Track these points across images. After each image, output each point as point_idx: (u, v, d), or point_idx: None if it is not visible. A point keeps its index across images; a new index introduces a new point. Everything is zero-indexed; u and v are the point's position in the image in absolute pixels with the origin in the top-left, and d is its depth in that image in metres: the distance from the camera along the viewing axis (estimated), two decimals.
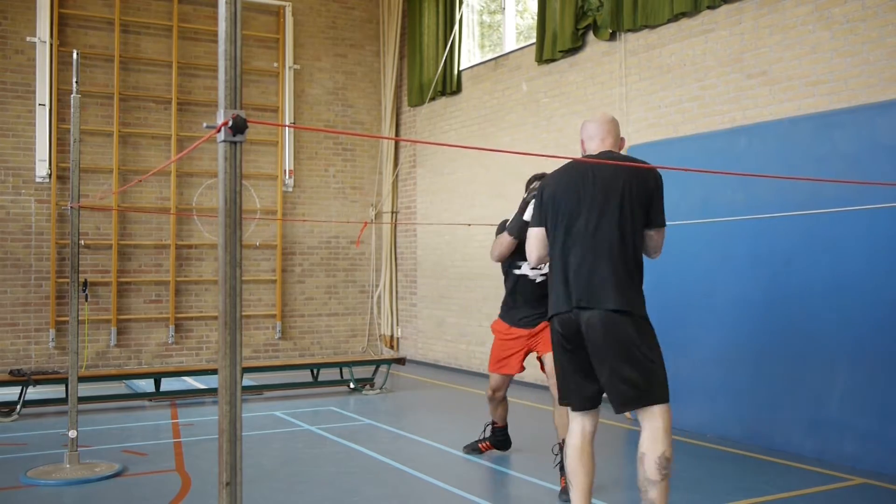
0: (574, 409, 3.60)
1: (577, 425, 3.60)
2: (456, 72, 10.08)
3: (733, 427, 6.00)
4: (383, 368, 8.58)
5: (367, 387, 8.40)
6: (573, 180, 3.57)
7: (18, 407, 6.93)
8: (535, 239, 3.71)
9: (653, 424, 3.39)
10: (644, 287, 3.51)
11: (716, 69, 6.74)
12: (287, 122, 10.56)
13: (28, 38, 9.26)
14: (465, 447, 5.63)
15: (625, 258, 3.45)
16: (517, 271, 4.95)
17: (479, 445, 5.58)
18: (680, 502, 4.51)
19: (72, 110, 5.29)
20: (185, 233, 10.08)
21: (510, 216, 4.94)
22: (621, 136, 3.79)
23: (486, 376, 9.33)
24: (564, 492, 4.39)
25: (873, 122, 5.27)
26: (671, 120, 7.13)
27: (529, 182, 4.88)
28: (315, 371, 8.52)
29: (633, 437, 6.24)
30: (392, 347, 11.21)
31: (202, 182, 10.13)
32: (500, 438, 5.57)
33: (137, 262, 9.83)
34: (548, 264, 3.77)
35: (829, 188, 5.25)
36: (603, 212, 3.47)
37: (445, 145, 4.09)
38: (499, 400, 5.35)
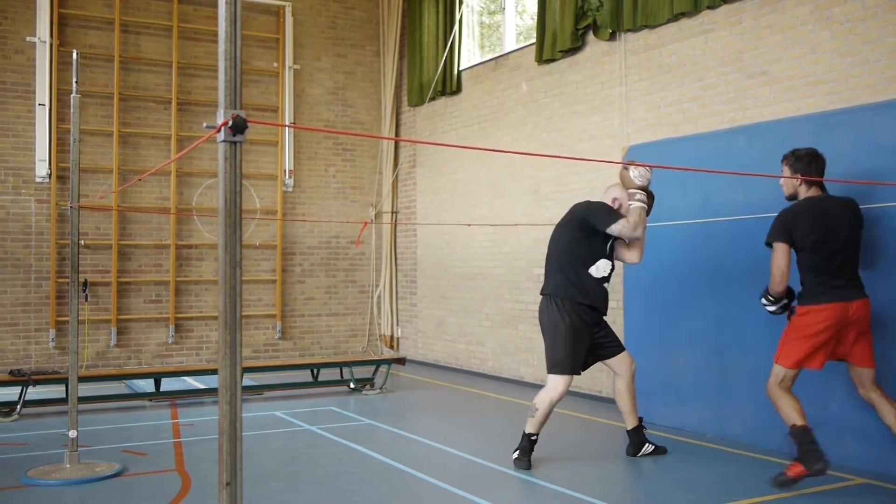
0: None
1: None
2: (456, 72, 10.08)
3: (733, 427, 6.00)
4: (383, 368, 8.58)
5: (367, 387, 8.40)
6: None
7: (18, 407, 6.93)
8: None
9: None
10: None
11: (716, 69, 6.74)
12: (287, 122, 10.56)
13: (28, 38, 9.26)
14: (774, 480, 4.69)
15: None
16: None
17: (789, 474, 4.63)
18: (680, 502, 4.51)
19: (72, 110, 5.29)
20: (185, 233, 10.09)
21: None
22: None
23: (486, 376, 9.36)
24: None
25: (873, 122, 5.27)
26: (671, 120, 7.13)
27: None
28: (315, 371, 8.52)
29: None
30: (392, 347, 11.21)
31: (202, 182, 10.14)
32: (807, 448, 4.58)
33: (137, 262, 9.83)
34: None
35: (830, 188, 5.24)
36: None
37: (445, 145, 4.10)
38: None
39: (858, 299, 4.68)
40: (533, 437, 5.21)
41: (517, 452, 5.22)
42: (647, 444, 5.50)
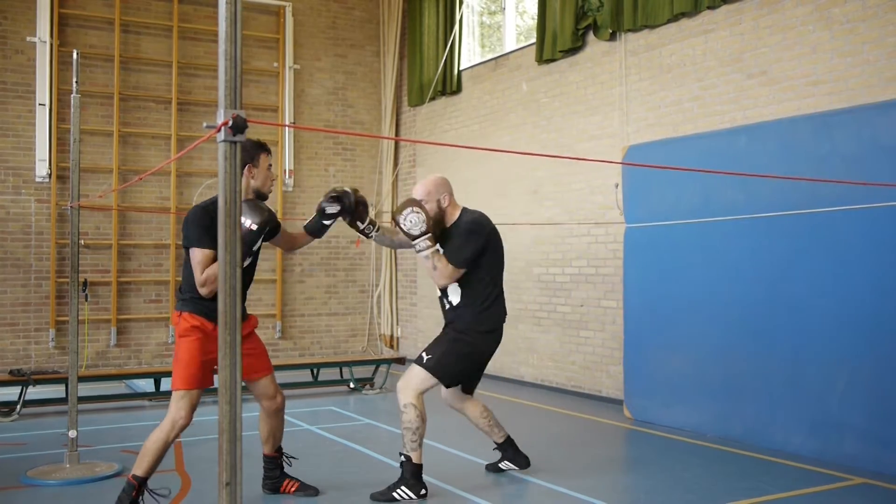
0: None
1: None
2: (456, 72, 10.08)
3: (733, 427, 6.00)
4: (383, 368, 8.58)
5: (367, 386, 8.40)
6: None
7: (18, 407, 6.93)
8: None
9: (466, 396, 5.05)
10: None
11: (716, 69, 6.74)
12: (287, 122, 10.56)
13: (28, 38, 9.26)
14: None
15: None
16: None
17: None
18: (680, 502, 4.51)
19: (72, 110, 5.29)
20: None
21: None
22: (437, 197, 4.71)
23: (486, 376, 9.32)
24: None
25: (873, 122, 5.27)
26: (671, 120, 7.13)
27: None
28: (315, 371, 8.52)
29: (634, 437, 6.25)
30: (392, 347, 11.21)
31: (202, 182, 10.13)
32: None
33: (137, 261, 9.82)
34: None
35: (830, 188, 5.25)
36: None
37: (445, 145, 4.10)
38: None
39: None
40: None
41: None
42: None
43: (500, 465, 5.13)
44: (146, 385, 8.13)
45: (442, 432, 6.33)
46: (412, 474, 4.54)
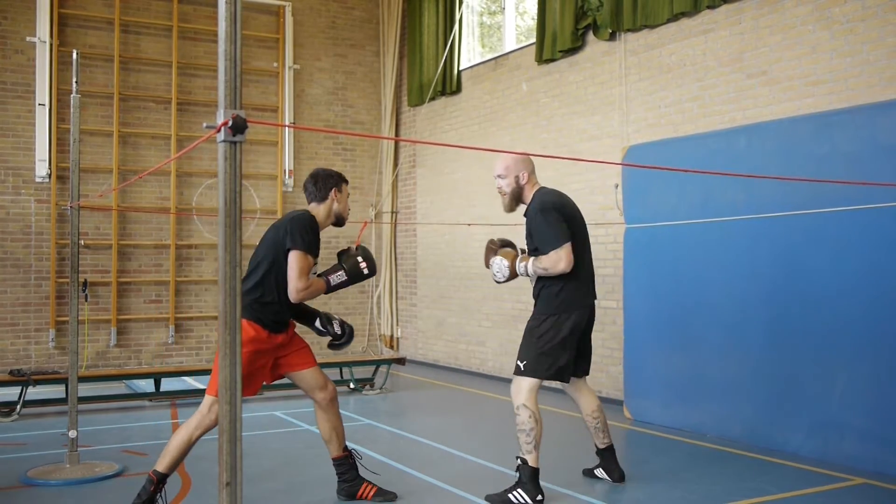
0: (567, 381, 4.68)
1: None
2: (456, 72, 10.08)
3: (733, 427, 6.00)
4: (383, 368, 8.58)
5: (367, 387, 8.40)
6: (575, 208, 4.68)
7: (18, 407, 6.93)
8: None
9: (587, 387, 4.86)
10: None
11: (716, 69, 6.74)
12: (287, 122, 10.56)
13: (28, 38, 9.26)
14: None
15: None
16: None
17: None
18: (680, 502, 4.51)
19: (72, 110, 5.30)
20: (185, 233, 10.08)
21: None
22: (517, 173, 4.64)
23: (486, 376, 9.36)
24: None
25: (873, 122, 5.27)
26: (671, 120, 7.13)
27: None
28: None
29: (634, 437, 6.24)
30: (392, 347, 11.21)
31: (202, 182, 10.13)
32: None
33: (137, 262, 9.82)
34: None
35: (830, 188, 5.25)
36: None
37: (445, 145, 4.10)
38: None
39: None
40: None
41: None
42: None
43: (595, 471, 4.96)
44: (146, 385, 8.13)
45: (443, 433, 6.33)
46: (529, 478, 4.40)
